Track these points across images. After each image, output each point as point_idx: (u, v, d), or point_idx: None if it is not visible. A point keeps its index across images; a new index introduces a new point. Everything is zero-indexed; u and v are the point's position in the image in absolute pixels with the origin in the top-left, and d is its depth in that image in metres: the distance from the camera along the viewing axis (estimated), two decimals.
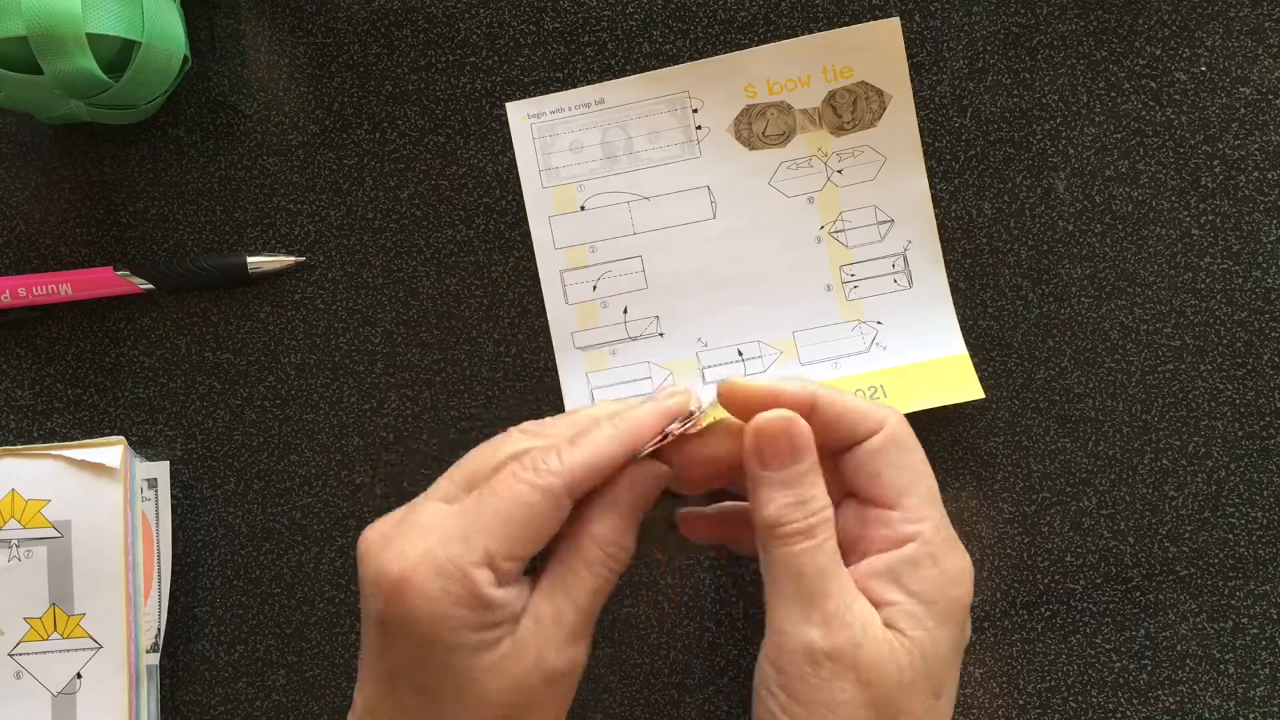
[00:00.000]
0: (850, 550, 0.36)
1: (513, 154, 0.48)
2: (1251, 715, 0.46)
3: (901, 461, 0.36)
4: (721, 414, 0.38)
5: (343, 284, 0.48)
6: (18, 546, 0.45)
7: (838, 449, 0.37)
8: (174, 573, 0.46)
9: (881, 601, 0.34)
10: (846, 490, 0.37)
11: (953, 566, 0.35)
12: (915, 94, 0.48)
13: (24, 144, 0.49)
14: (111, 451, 0.45)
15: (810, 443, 0.35)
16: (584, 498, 0.36)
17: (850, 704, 0.33)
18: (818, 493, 0.35)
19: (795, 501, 0.35)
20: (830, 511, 0.35)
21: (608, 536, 0.35)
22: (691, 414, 0.37)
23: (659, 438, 0.36)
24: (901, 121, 0.48)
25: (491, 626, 0.34)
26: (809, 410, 0.36)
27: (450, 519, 0.34)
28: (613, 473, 0.36)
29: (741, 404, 0.36)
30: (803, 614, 0.34)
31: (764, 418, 0.35)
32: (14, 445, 0.46)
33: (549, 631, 0.34)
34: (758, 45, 0.48)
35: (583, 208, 0.48)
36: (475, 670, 0.34)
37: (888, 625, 0.34)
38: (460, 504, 0.35)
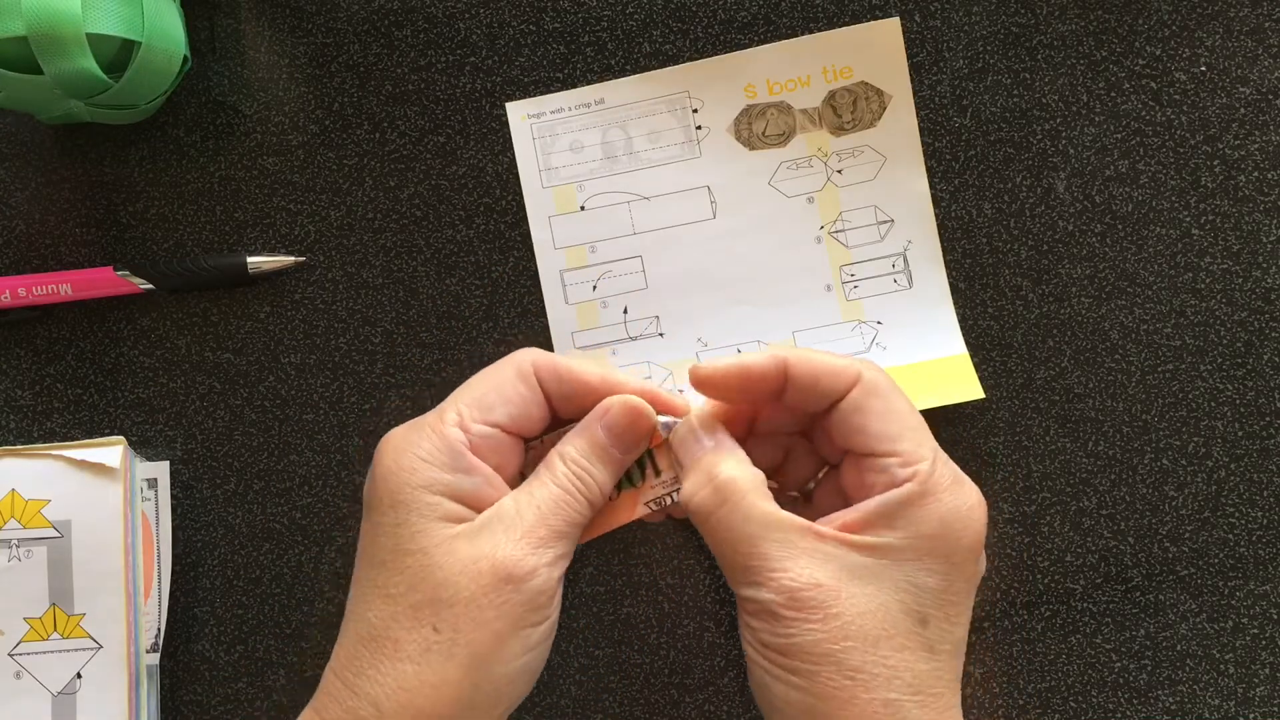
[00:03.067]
0: (855, 499, 0.36)
1: (513, 154, 0.48)
2: (1251, 715, 0.46)
3: (885, 408, 0.35)
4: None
5: (343, 284, 0.48)
6: (18, 546, 0.45)
7: (820, 409, 0.37)
8: (174, 573, 0.46)
9: (866, 538, 0.34)
10: (843, 447, 0.37)
11: (951, 505, 0.34)
12: (915, 94, 0.48)
13: (24, 144, 0.49)
14: (111, 451, 0.45)
15: (697, 430, 0.37)
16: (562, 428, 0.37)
17: (819, 640, 0.33)
18: (721, 464, 0.36)
19: (701, 477, 0.36)
20: (739, 473, 0.35)
21: (571, 454, 0.36)
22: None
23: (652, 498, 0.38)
24: (901, 121, 0.48)
25: (459, 497, 0.35)
26: (782, 378, 0.36)
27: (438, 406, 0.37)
28: (582, 387, 0.37)
29: (715, 386, 0.37)
30: (744, 577, 0.34)
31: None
32: (14, 445, 0.47)
33: (507, 526, 0.34)
34: (758, 45, 0.48)
35: (583, 208, 0.48)
36: (426, 539, 0.34)
37: (869, 555, 0.34)
38: None
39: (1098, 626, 0.46)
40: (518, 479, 0.37)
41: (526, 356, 0.37)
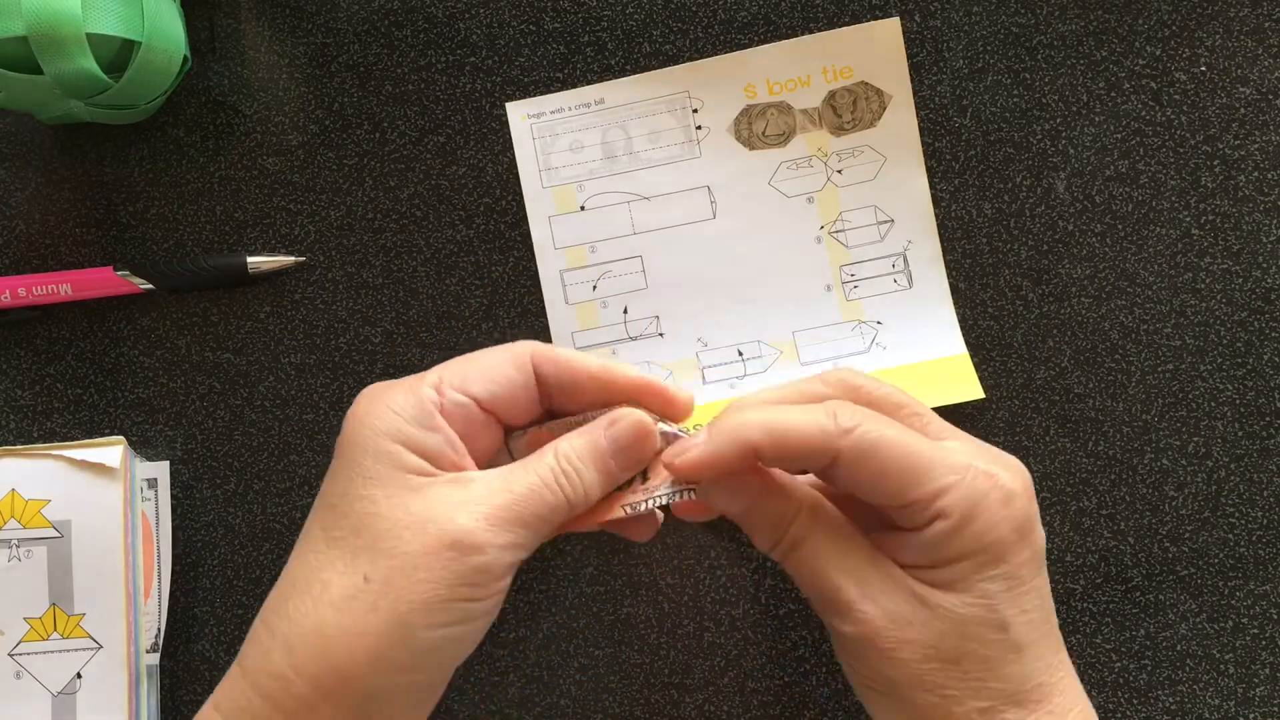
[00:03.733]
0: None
1: (513, 154, 0.48)
2: (1251, 715, 0.46)
3: (879, 471, 0.33)
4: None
5: (343, 284, 0.48)
6: (18, 546, 0.45)
7: (818, 468, 0.35)
8: (174, 573, 0.46)
9: (930, 575, 0.34)
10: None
11: (986, 516, 0.33)
12: (915, 94, 0.48)
13: (24, 144, 0.49)
14: (111, 451, 0.45)
15: (652, 436, 0.36)
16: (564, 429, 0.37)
17: (908, 665, 0.33)
18: (788, 506, 0.35)
19: (770, 523, 0.35)
20: (808, 515, 0.35)
21: (567, 451, 0.35)
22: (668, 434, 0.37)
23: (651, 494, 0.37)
24: (901, 121, 0.48)
25: (419, 450, 0.34)
26: (755, 458, 0.34)
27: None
28: (581, 374, 0.37)
29: (695, 475, 0.35)
30: (828, 609, 0.35)
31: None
32: (14, 445, 0.46)
33: (471, 498, 0.33)
34: (758, 45, 0.48)
35: (583, 208, 0.48)
36: (379, 487, 0.33)
37: (937, 585, 0.34)
38: None
39: (1098, 626, 0.46)
40: (489, 458, 0.37)
41: (526, 346, 0.37)
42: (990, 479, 0.34)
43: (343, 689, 0.32)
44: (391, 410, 0.34)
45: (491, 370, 0.36)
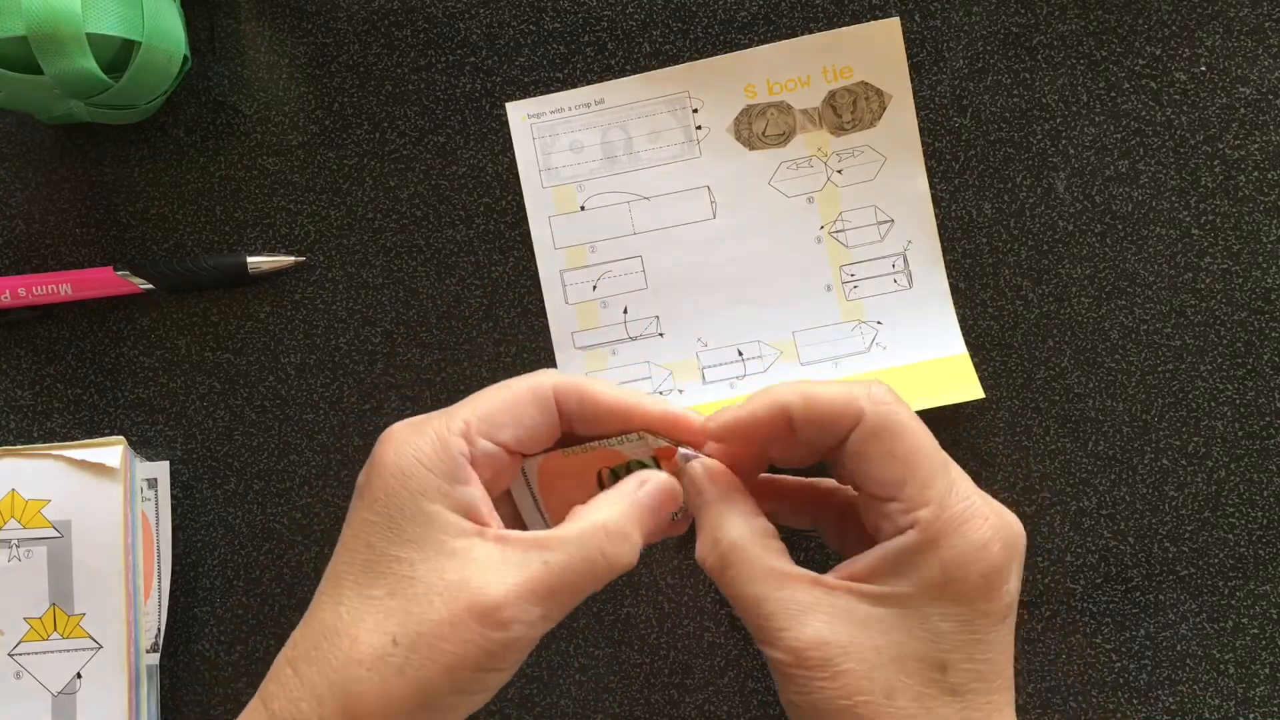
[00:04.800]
0: (873, 539, 0.36)
1: (513, 154, 0.48)
2: (1251, 715, 0.46)
3: (886, 451, 0.34)
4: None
5: (343, 284, 0.48)
6: (18, 546, 0.45)
7: (831, 447, 0.36)
8: (174, 573, 0.46)
9: (876, 588, 0.34)
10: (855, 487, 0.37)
11: (962, 547, 0.33)
12: (915, 94, 0.48)
13: (24, 144, 0.49)
14: (111, 451, 0.45)
15: (699, 482, 0.36)
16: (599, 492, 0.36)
17: (833, 698, 0.33)
18: (723, 524, 0.35)
19: (708, 540, 0.36)
20: (739, 533, 0.35)
21: (614, 519, 0.35)
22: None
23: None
24: (901, 121, 0.48)
25: (451, 507, 0.34)
26: (787, 422, 0.35)
27: (448, 408, 0.36)
28: (604, 411, 0.36)
29: (724, 441, 0.36)
30: (759, 636, 0.34)
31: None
32: (14, 445, 0.46)
33: (507, 567, 0.33)
34: (758, 45, 0.48)
35: (583, 208, 0.48)
36: (418, 549, 0.33)
37: (880, 605, 0.34)
38: None
39: (1098, 626, 0.46)
40: (505, 487, 0.37)
41: (547, 380, 0.36)
42: (979, 519, 0.34)
43: None
44: (422, 465, 0.34)
45: (517, 413, 0.35)
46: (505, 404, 0.35)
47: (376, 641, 0.32)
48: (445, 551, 0.33)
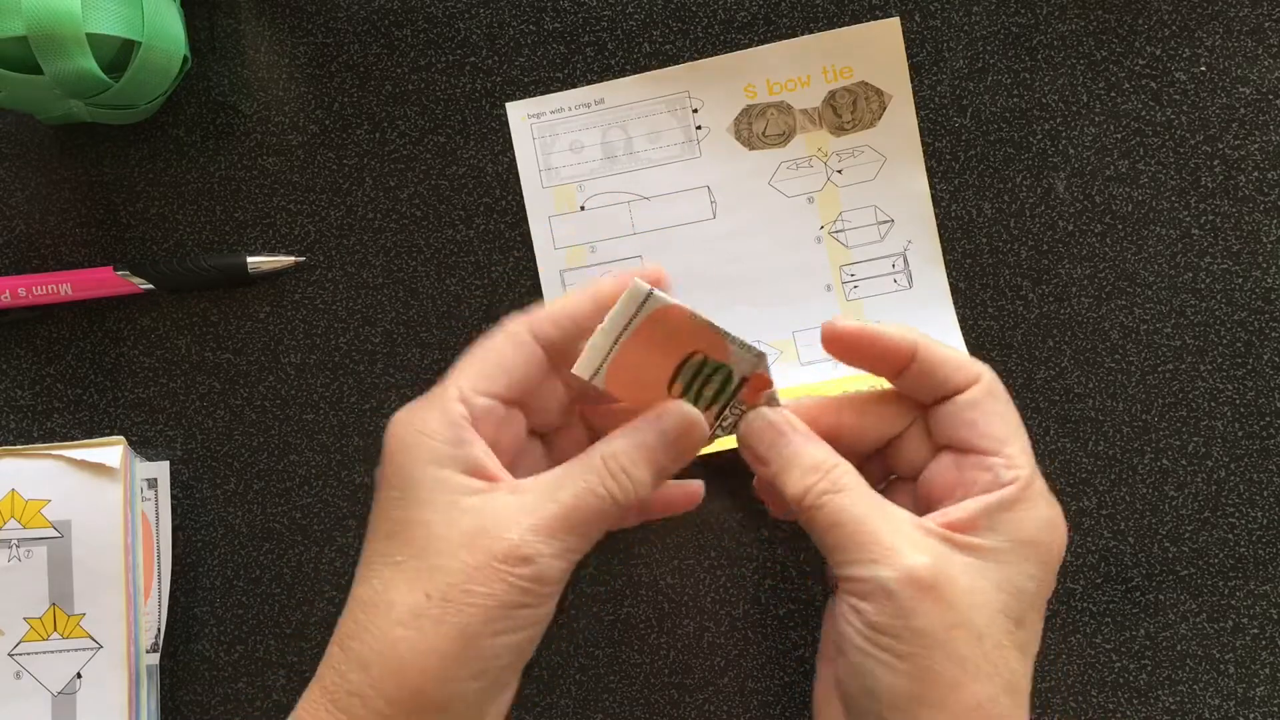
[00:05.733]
0: (946, 497, 0.37)
1: (513, 154, 0.48)
2: (1251, 715, 0.46)
3: (1000, 411, 0.37)
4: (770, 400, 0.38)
5: (343, 284, 0.48)
6: (18, 546, 0.45)
7: (933, 399, 0.38)
8: (174, 573, 0.46)
9: (971, 539, 0.35)
10: (942, 444, 0.38)
11: (1046, 514, 0.36)
12: (915, 94, 0.48)
13: (24, 144, 0.49)
14: (111, 451, 0.45)
15: (792, 421, 0.37)
16: (612, 425, 0.37)
17: (933, 624, 0.33)
18: (823, 453, 0.36)
19: (809, 467, 0.36)
20: (847, 465, 0.36)
21: (613, 452, 0.36)
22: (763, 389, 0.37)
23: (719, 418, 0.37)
24: (901, 121, 0.48)
25: (461, 467, 0.35)
26: (909, 357, 0.37)
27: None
28: (581, 318, 0.37)
29: (844, 343, 0.38)
30: (862, 555, 0.35)
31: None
32: (14, 445, 0.46)
33: (519, 510, 0.34)
34: (758, 45, 0.48)
35: (583, 208, 0.48)
36: (432, 511, 0.34)
37: (974, 555, 0.35)
38: None
39: (1098, 626, 0.46)
40: (519, 446, 0.38)
41: (519, 324, 0.37)
42: (1057, 504, 0.37)
43: (417, 701, 0.33)
44: (426, 436, 0.35)
45: (502, 363, 0.37)
46: (489, 358, 0.37)
47: (411, 600, 0.34)
48: (460, 508, 0.35)
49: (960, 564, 0.34)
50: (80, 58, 0.41)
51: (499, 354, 0.37)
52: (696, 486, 0.41)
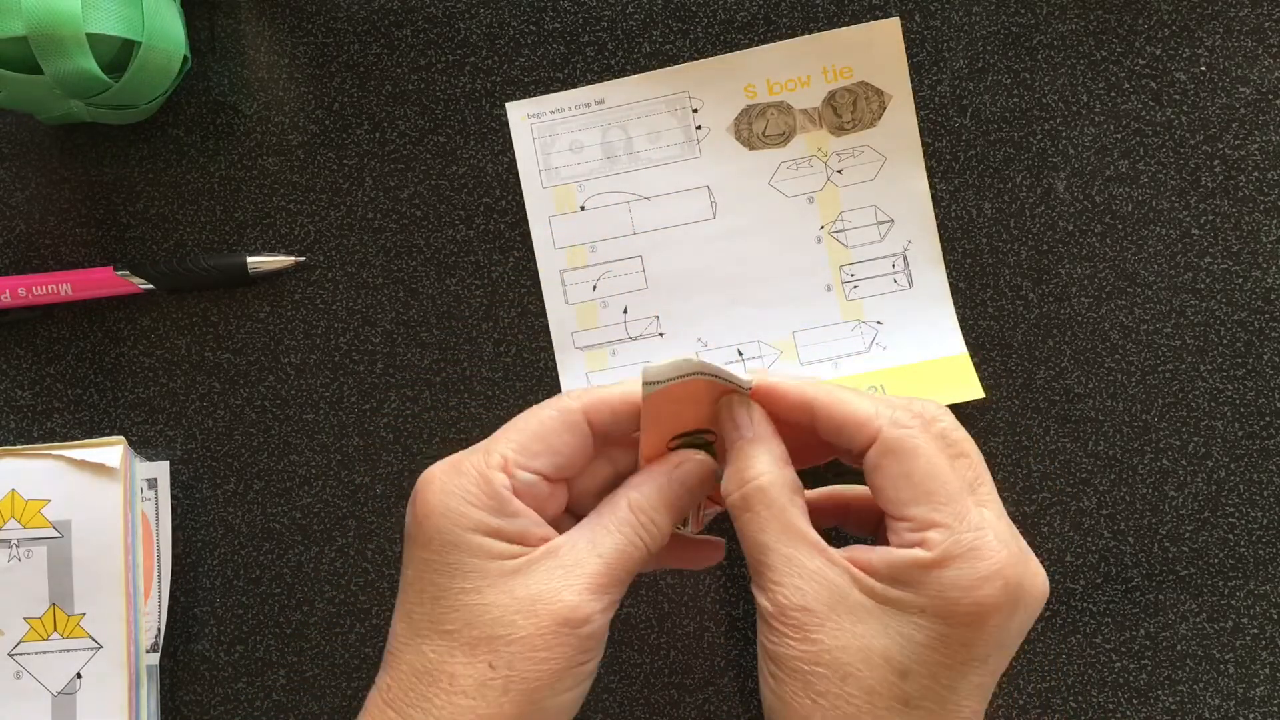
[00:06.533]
0: (887, 540, 0.36)
1: (513, 154, 0.48)
2: (1251, 715, 0.46)
3: (900, 471, 0.35)
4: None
5: (343, 284, 0.48)
6: (18, 546, 0.45)
7: (852, 452, 0.37)
8: (174, 573, 0.46)
9: (873, 582, 0.34)
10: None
11: (962, 575, 0.34)
12: (915, 94, 0.48)
13: (24, 144, 0.49)
14: (111, 451, 0.45)
15: (754, 417, 0.37)
16: (630, 472, 0.37)
17: (795, 656, 0.34)
18: (754, 464, 0.36)
19: (735, 473, 0.36)
20: (768, 480, 0.36)
21: (639, 501, 0.36)
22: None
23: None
24: (901, 121, 0.48)
25: (504, 538, 0.35)
26: (807, 415, 0.36)
27: (480, 444, 0.37)
28: (627, 410, 0.37)
29: (760, 398, 0.37)
30: (754, 579, 0.35)
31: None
32: (14, 445, 0.47)
33: (568, 570, 0.35)
34: (758, 45, 0.48)
35: (583, 208, 0.48)
36: (480, 579, 0.34)
37: (870, 597, 0.34)
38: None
39: (1098, 626, 0.46)
40: (561, 523, 0.37)
41: (574, 403, 0.36)
42: (987, 554, 0.34)
43: None
44: (469, 504, 0.35)
45: (551, 441, 0.36)
46: (539, 433, 0.36)
47: (474, 672, 0.34)
48: (507, 571, 0.35)
49: (849, 602, 0.34)
50: (80, 58, 0.41)
51: (550, 432, 0.36)
52: (719, 543, 0.41)
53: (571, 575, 0.35)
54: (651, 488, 0.37)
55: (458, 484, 0.35)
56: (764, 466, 0.36)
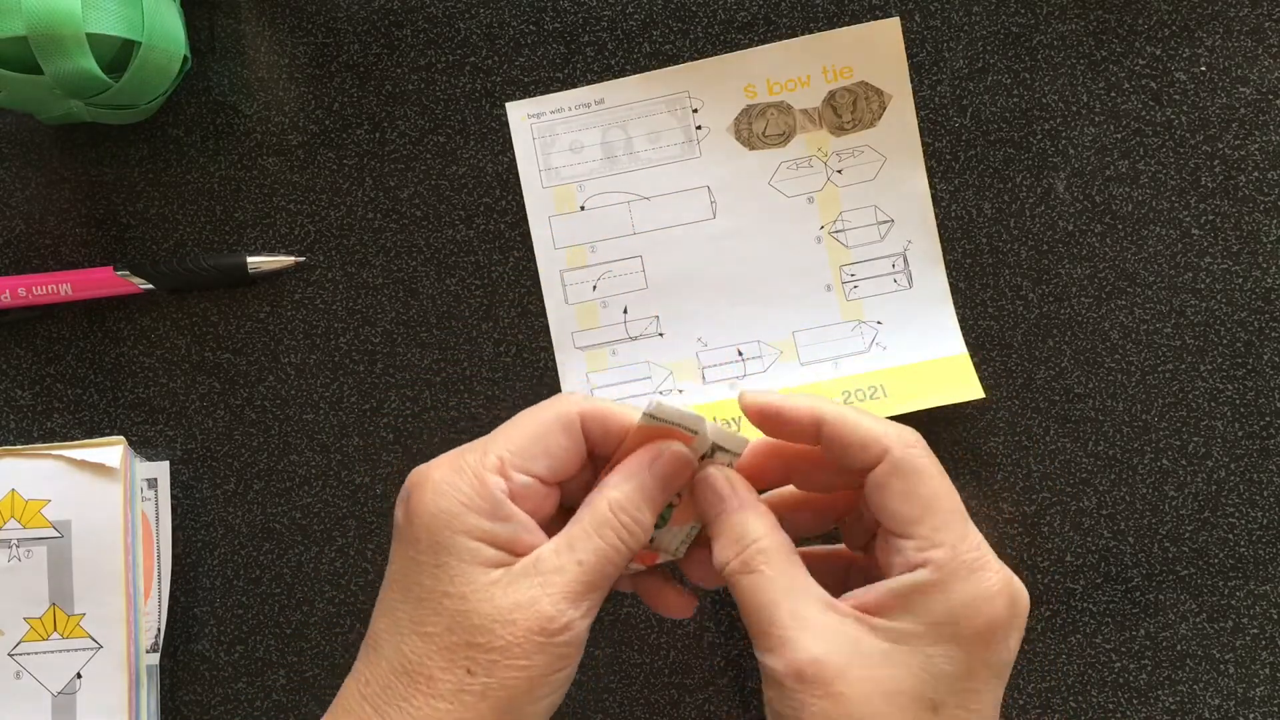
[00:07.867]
0: (885, 574, 0.36)
1: (513, 154, 0.48)
2: (1251, 715, 0.46)
3: (906, 489, 0.35)
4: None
5: (343, 284, 0.48)
6: (18, 546, 0.45)
7: (854, 472, 0.37)
8: (174, 573, 0.46)
9: (883, 622, 0.34)
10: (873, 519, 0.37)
11: (969, 592, 0.34)
12: (915, 94, 0.48)
13: (24, 144, 0.49)
14: (111, 451, 0.45)
15: (733, 482, 0.37)
16: (607, 468, 0.37)
17: (818, 716, 0.33)
18: (750, 529, 0.36)
19: (731, 540, 0.36)
20: (768, 543, 0.36)
21: (619, 500, 0.36)
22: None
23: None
24: (901, 121, 0.48)
25: (495, 543, 0.35)
26: (814, 433, 0.36)
27: (476, 442, 0.37)
28: (619, 431, 0.37)
29: (756, 415, 0.37)
30: (761, 643, 0.35)
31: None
32: (14, 445, 0.47)
33: (547, 579, 0.35)
34: (758, 45, 0.48)
35: (583, 208, 0.48)
36: (465, 584, 0.34)
37: (885, 638, 0.34)
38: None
39: (1098, 626, 0.46)
40: (552, 522, 0.37)
41: (572, 407, 0.36)
42: (990, 570, 0.35)
43: None
44: (464, 505, 0.35)
45: (548, 443, 0.36)
46: (536, 435, 0.36)
47: (452, 677, 0.34)
48: (492, 580, 0.35)
49: (868, 649, 0.34)
50: (80, 58, 0.41)
51: (547, 434, 0.36)
52: (693, 600, 0.41)
53: (550, 584, 0.35)
54: (631, 486, 0.36)
55: (452, 485, 0.35)
56: (761, 530, 0.36)
